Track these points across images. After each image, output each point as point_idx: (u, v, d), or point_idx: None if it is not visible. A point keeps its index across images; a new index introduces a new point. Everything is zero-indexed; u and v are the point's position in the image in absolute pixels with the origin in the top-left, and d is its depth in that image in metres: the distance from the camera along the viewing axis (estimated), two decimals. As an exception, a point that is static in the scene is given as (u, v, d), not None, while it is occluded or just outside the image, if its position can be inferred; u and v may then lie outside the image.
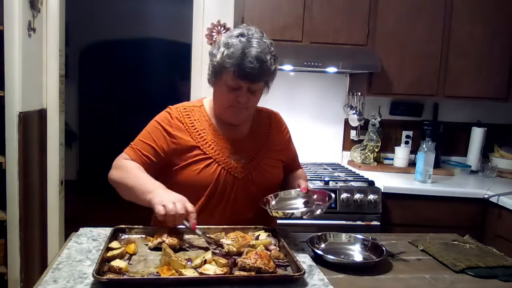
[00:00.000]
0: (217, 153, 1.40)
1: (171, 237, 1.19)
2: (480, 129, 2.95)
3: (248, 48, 1.31)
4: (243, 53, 1.30)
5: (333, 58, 2.57)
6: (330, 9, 2.61)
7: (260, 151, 1.47)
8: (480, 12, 2.68)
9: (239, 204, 1.41)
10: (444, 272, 1.22)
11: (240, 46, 1.31)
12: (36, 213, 2.67)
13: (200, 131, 1.42)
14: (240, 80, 1.32)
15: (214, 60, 1.37)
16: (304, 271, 1.04)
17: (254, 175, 1.42)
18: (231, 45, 1.33)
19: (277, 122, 1.58)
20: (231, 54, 1.31)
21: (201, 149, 1.40)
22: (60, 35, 2.70)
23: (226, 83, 1.35)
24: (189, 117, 1.44)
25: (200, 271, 1.03)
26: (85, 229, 1.33)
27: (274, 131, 1.54)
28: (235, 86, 1.34)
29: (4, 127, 2.37)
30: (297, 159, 1.65)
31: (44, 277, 1.00)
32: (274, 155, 1.50)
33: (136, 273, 1.03)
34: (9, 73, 2.33)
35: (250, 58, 1.29)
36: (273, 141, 1.51)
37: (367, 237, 1.36)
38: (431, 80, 2.71)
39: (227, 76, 1.34)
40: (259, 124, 1.52)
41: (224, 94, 1.37)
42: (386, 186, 2.42)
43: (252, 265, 1.04)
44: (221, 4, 2.77)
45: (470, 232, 1.62)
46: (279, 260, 1.14)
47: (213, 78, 1.40)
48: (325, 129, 3.05)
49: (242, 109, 1.40)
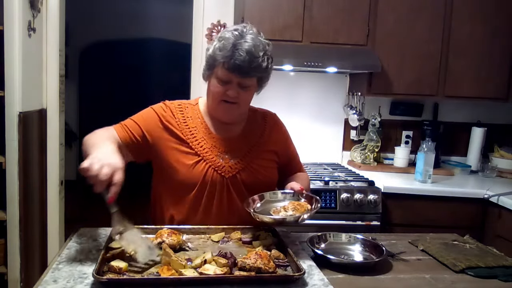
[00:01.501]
0: (205, 151, 1.39)
1: (171, 237, 1.19)
2: (480, 129, 2.95)
3: (240, 41, 1.30)
4: (234, 45, 1.30)
5: (333, 58, 2.57)
6: (330, 9, 2.61)
7: (251, 151, 1.45)
8: (480, 12, 2.68)
9: (234, 203, 1.40)
10: (444, 272, 1.22)
11: (232, 39, 1.31)
12: (36, 213, 2.67)
13: (191, 129, 1.42)
14: (230, 73, 1.32)
15: (208, 54, 1.38)
16: (304, 271, 1.04)
17: (243, 175, 1.41)
18: (223, 38, 1.34)
19: (273, 122, 1.56)
20: (222, 46, 1.32)
21: (190, 146, 1.39)
22: (60, 35, 2.70)
23: (217, 76, 1.35)
24: (182, 113, 1.45)
25: (200, 271, 1.03)
26: (85, 229, 1.33)
27: (268, 131, 1.52)
28: (226, 79, 1.34)
29: (4, 127, 2.37)
30: (297, 161, 1.62)
31: (44, 277, 1.00)
32: (266, 155, 1.48)
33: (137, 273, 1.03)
34: (9, 73, 2.33)
35: (240, 51, 1.29)
36: (267, 141, 1.49)
37: (367, 237, 1.36)
38: (431, 80, 2.71)
39: (218, 68, 1.34)
40: (253, 124, 1.51)
41: (214, 88, 1.37)
42: (386, 186, 2.42)
43: (252, 265, 1.04)
44: (221, 4, 2.77)
45: (470, 232, 1.61)
46: (279, 260, 1.14)
47: (207, 72, 1.41)
48: (325, 129, 3.05)
49: (233, 106, 1.38)
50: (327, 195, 2.34)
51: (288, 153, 1.58)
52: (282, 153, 1.54)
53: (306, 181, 1.54)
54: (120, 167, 1.11)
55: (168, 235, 1.19)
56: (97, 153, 1.14)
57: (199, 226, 1.32)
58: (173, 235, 1.20)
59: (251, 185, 1.41)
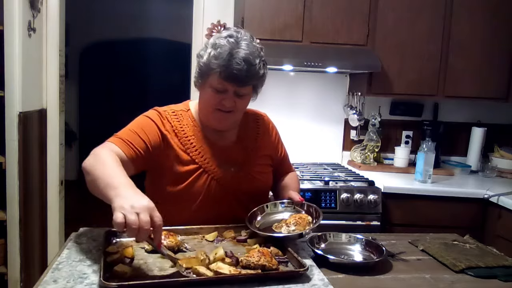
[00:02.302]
0: (206, 162, 1.36)
1: (168, 239, 1.17)
2: (480, 129, 2.95)
3: (236, 49, 1.25)
4: (230, 54, 1.25)
5: (333, 58, 2.57)
6: (330, 9, 2.61)
7: (249, 158, 1.43)
8: (480, 12, 2.68)
9: (233, 211, 1.38)
10: (444, 272, 1.22)
11: (228, 47, 1.26)
12: (36, 213, 2.67)
13: (189, 137, 1.38)
14: (226, 82, 1.27)
15: (201, 61, 1.32)
16: (307, 266, 1.06)
17: (243, 185, 1.39)
18: (218, 45, 1.27)
19: (265, 125, 1.53)
20: (217, 54, 1.26)
21: (190, 156, 1.35)
22: (60, 35, 2.70)
23: (211, 85, 1.30)
24: (179, 121, 1.39)
25: (215, 270, 1.02)
26: (85, 229, 1.32)
27: (262, 134, 1.50)
28: (221, 88, 1.29)
29: (4, 127, 2.37)
30: (287, 161, 1.61)
31: (44, 277, 1.00)
32: (262, 160, 1.47)
33: (142, 277, 1.00)
34: (9, 73, 2.34)
35: (237, 60, 1.24)
36: (261, 145, 1.48)
37: (367, 237, 1.36)
38: (431, 80, 2.71)
39: (213, 78, 1.28)
40: (246, 128, 1.48)
41: (209, 97, 1.32)
42: (386, 186, 2.42)
43: (256, 263, 1.05)
44: (221, 4, 2.77)
45: (470, 232, 1.61)
46: (279, 257, 1.15)
47: (199, 80, 1.35)
48: (325, 129, 3.05)
49: (228, 115, 1.33)
50: (327, 195, 2.34)
51: (280, 156, 1.57)
52: (275, 156, 1.54)
53: (297, 183, 1.56)
54: (153, 207, 1.01)
55: (165, 237, 1.16)
56: (122, 199, 1.01)
57: (192, 226, 1.31)
58: (171, 237, 1.18)
59: (250, 193, 1.40)
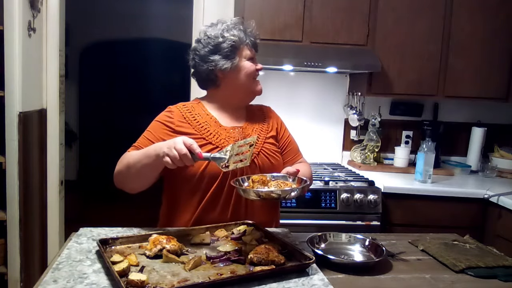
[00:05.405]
0: (222, 142, 1.43)
1: (171, 243, 1.15)
2: (480, 129, 2.95)
3: (239, 24, 1.48)
4: (239, 27, 1.47)
5: (333, 58, 2.57)
6: (330, 9, 2.61)
7: (260, 137, 1.51)
8: (480, 12, 2.68)
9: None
10: (444, 272, 1.22)
11: (233, 23, 1.47)
12: (36, 213, 2.67)
13: (202, 124, 1.46)
14: (253, 49, 1.50)
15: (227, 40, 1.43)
16: (313, 258, 1.09)
17: (259, 159, 1.45)
18: (226, 24, 1.47)
19: (269, 112, 1.64)
20: (236, 30, 1.45)
21: (206, 140, 1.42)
22: (60, 35, 2.70)
23: (246, 56, 1.48)
24: (190, 112, 1.48)
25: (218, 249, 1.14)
26: (85, 229, 1.32)
27: (267, 118, 1.60)
28: (252, 55, 1.50)
29: (4, 127, 2.37)
30: (294, 148, 1.63)
31: (44, 277, 1.00)
32: (270, 140, 1.54)
33: (161, 284, 0.98)
34: (9, 73, 2.33)
35: (248, 30, 1.49)
36: (267, 128, 1.56)
37: (367, 237, 1.36)
38: (431, 80, 2.71)
39: (243, 49, 1.47)
40: (252, 113, 1.59)
41: (249, 66, 1.48)
42: (386, 186, 2.42)
43: (266, 259, 1.07)
44: (221, 4, 2.77)
45: (470, 232, 1.62)
46: (281, 251, 1.16)
47: (231, 60, 1.45)
48: (325, 129, 3.05)
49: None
50: (327, 195, 2.34)
51: (284, 138, 1.61)
52: (279, 137, 1.59)
53: (308, 168, 1.57)
54: (179, 137, 1.22)
55: (167, 241, 1.15)
56: (161, 148, 1.23)
57: (184, 228, 1.33)
58: (172, 241, 1.16)
59: (265, 169, 1.44)
